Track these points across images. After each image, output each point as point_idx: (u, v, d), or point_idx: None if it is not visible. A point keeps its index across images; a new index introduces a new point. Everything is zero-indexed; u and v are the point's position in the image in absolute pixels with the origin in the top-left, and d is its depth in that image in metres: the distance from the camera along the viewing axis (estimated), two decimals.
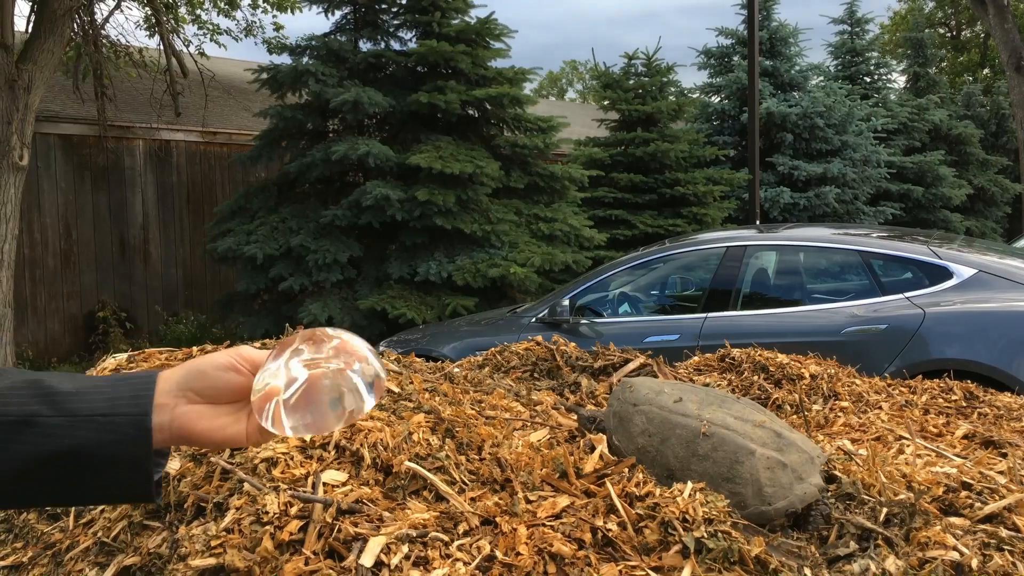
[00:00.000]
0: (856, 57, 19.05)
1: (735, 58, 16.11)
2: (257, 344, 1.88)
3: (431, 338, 6.12)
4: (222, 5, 12.47)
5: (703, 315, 5.62)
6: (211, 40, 12.54)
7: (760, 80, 13.31)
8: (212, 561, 1.22)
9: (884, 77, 19.53)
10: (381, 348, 5.19)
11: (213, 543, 1.22)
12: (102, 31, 10.73)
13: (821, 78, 17.42)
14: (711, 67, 16.42)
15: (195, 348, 2.07)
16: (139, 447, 0.76)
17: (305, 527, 1.24)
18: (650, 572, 1.21)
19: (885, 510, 1.46)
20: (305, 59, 9.87)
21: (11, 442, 0.74)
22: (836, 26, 19.23)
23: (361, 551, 1.19)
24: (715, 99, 16.10)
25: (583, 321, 5.87)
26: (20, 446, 0.74)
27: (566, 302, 5.87)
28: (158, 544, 1.38)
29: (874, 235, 6.20)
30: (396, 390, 1.65)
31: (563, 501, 1.34)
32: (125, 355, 2.02)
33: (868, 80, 19.14)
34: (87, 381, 0.80)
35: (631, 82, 13.08)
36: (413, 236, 9.08)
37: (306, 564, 1.18)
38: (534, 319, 5.92)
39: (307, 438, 1.41)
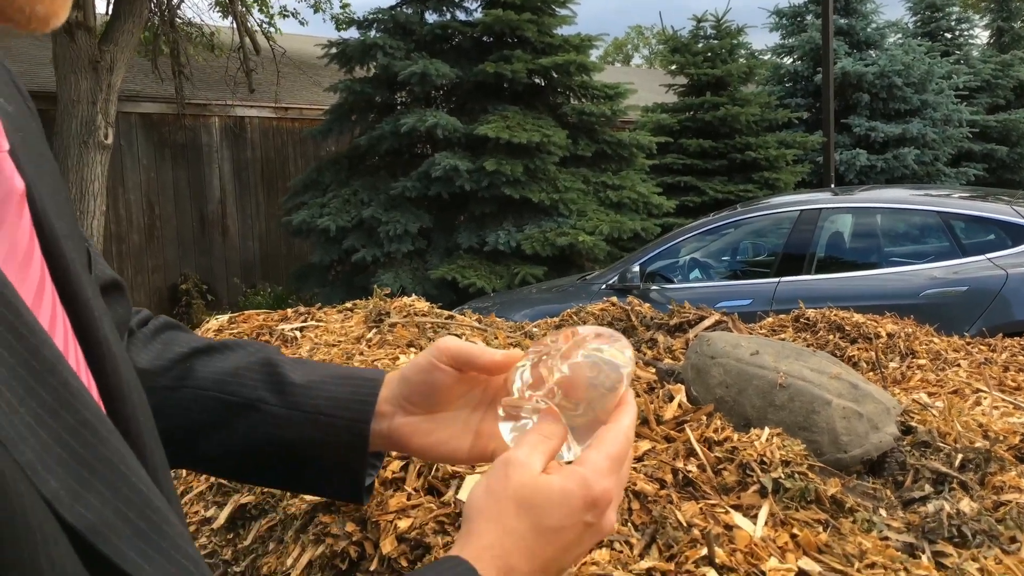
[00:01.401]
0: (936, 12, 18.32)
1: (808, 17, 15.68)
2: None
3: (502, 306, 6.23)
4: None
5: (776, 279, 5.59)
6: (271, 26, 12.75)
7: (835, 39, 12.94)
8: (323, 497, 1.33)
9: (966, 32, 18.74)
10: (454, 312, 5.31)
11: None
12: (178, 11, 11.03)
13: (899, 35, 16.83)
14: (783, 27, 16.02)
15: (290, 311, 2.20)
16: (353, 453, 0.76)
17: (406, 467, 1.35)
18: (729, 509, 1.27)
19: (960, 456, 1.49)
20: (373, 32, 10.00)
21: (235, 423, 0.77)
22: None
23: (458, 487, 1.29)
24: (787, 60, 15.72)
25: (653, 287, 5.90)
26: (242, 428, 0.76)
27: (636, 268, 5.90)
28: None
29: (955, 195, 6.05)
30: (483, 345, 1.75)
31: (645, 445, 1.41)
32: (226, 317, 2.15)
33: (949, 36, 18.40)
34: (317, 371, 0.80)
35: (700, 45, 12.87)
36: (482, 206, 9.18)
37: (408, 499, 1.28)
38: (604, 286, 5.96)
39: None
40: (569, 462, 0.63)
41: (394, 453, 1.41)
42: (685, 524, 1.22)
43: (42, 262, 0.49)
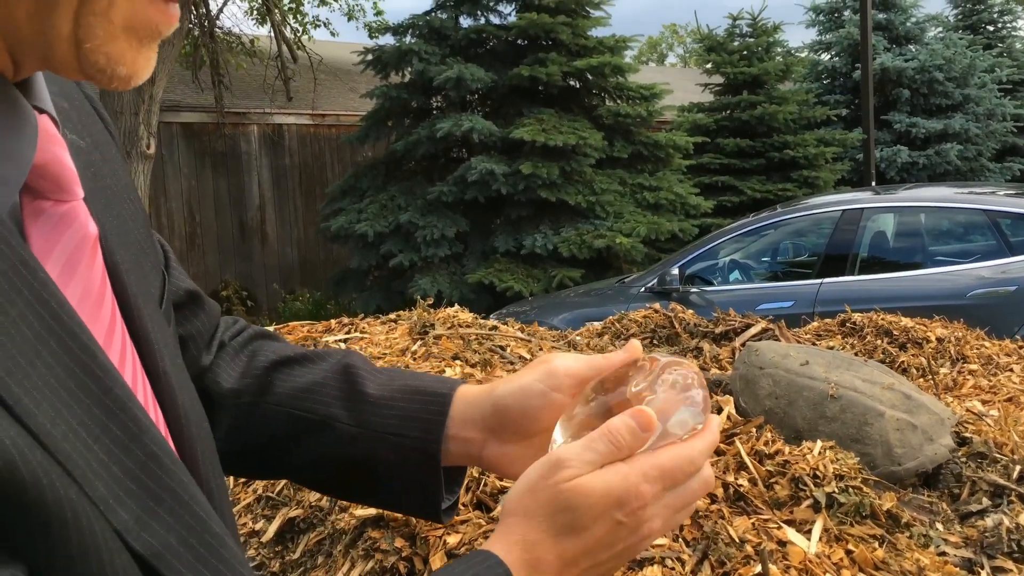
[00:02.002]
0: (978, 5, 17.95)
1: (846, 13, 15.45)
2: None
3: (540, 310, 6.22)
4: None
5: (818, 281, 5.52)
6: (304, 34, 12.89)
7: (873, 34, 12.74)
8: (373, 512, 1.33)
9: (1009, 25, 18.34)
10: (494, 319, 5.31)
11: None
12: (217, 21, 11.20)
13: (939, 29, 16.52)
14: (820, 24, 15.81)
15: (334, 322, 2.21)
16: (425, 473, 0.75)
17: None
18: (782, 524, 1.25)
19: (1018, 468, 1.45)
20: (408, 38, 10.06)
21: (309, 440, 0.77)
22: None
23: None
24: (825, 57, 15.51)
25: (693, 290, 5.85)
26: (316, 445, 0.77)
27: (675, 271, 5.86)
28: (318, 498, 1.51)
29: (1001, 192, 5.92)
30: (528, 356, 1.74)
31: None
32: (270, 329, 2.18)
33: (991, 29, 18.03)
34: (394, 381, 0.78)
35: (736, 44, 12.75)
36: (518, 209, 9.18)
37: (457, 515, 1.28)
38: (643, 289, 5.93)
39: None
40: None
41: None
42: (737, 540, 1.20)
43: (113, 301, 0.52)
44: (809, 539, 1.23)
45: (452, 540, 1.23)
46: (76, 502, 0.39)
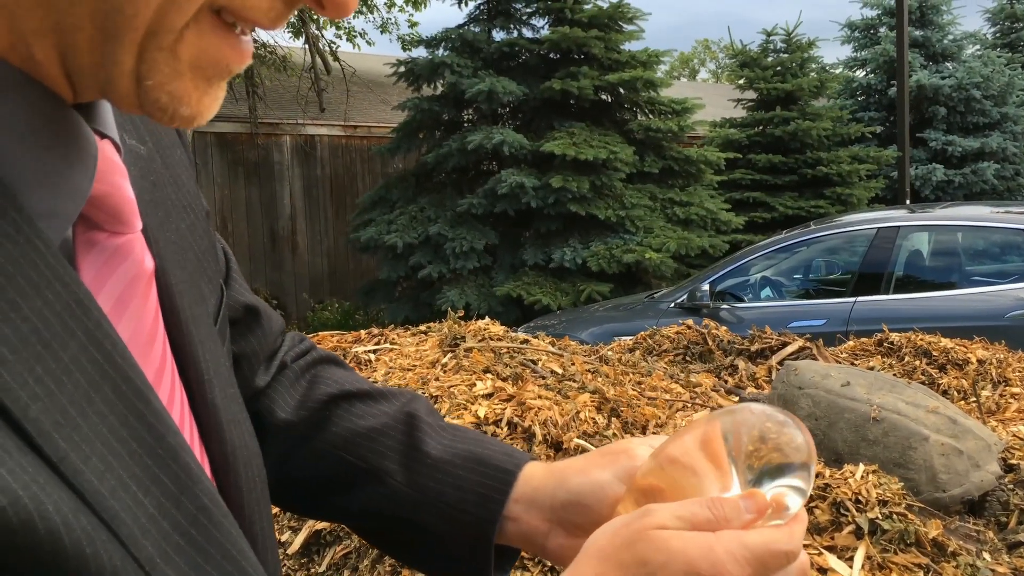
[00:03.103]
0: (1016, 23, 17.72)
1: (882, 30, 15.32)
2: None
3: (568, 324, 6.19)
4: (358, 7, 12.92)
5: (852, 299, 5.44)
6: (347, 40, 13.03)
7: (910, 51, 12.61)
8: None
9: None
10: (521, 333, 5.29)
11: None
12: (252, 33, 11.32)
13: (977, 47, 16.31)
14: (855, 40, 15.68)
15: (363, 333, 2.20)
16: (475, 552, 0.70)
17: None
18: (823, 551, 1.21)
19: None
20: (440, 51, 10.11)
21: (357, 489, 0.73)
22: None
23: None
24: (860, 74, 15.37)
25: (724, 306, 5.79)
26: (364, 496, 0.73)
27: (706, 287, 5.80)
28: None
29: None
30: (559, 371, 1.71)
31: None
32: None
33: None
34: (457, 443, 0.73)
35: (769, 59, 12.67)
36: (547, 223, 9.16)
37: None
38: (673, 304, 5.88)
39: (480, 413, 1.48)
40: None
41: None
42: None
43: (164, 340, 0.50)
44: (851, 566, 1.18)
45: None
46: (121, 568, 0.37)
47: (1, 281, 0.36)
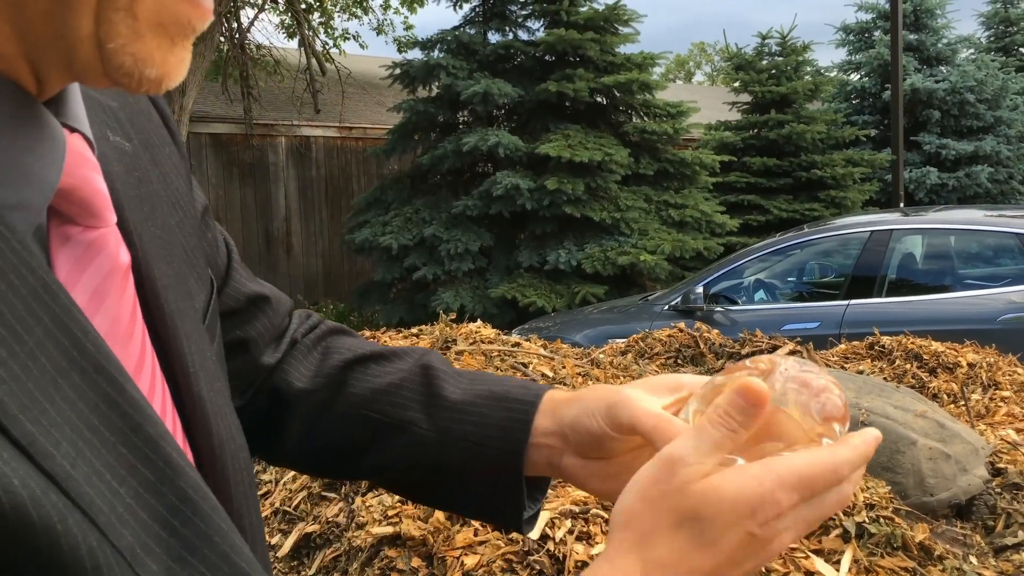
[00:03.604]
0: (1010, 27, 17.79)
1: (876, 33, 15.36)
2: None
3: (563, 326, 6.19)
4: (353, 9, 12.93)
5: (845, 302, 5.45)
6: (335, 47, 13.02)
7: (904, 55, 12.64)
8: (389, 530, 1.31)
9: None
10: (515, 335, 5.30)
11: (390, 513, 1.32)
12: (247, 35, 11.33)
13: (971, 51, 16.37)
14: (850, 44, 15.72)
15: (367, 332, 2.20)
16: (506, 484, 0.71)
17: None
18: (810, 554, 1.22)
19: None
20: (436, 53, 10.11)
21: (385, 443, 0.74)
22: None
23: None
24: (854, 77, 15.41)
25: (717, 309, 5.80)
26: (393, 449, 0.74)
27: (699, 289, 5.81)
28: (335, 513, 1.49)
29: None
30: (550, 374, 1.72)
31: None
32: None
33: None
34: (476, 385, 0.75)
35: (764, 62, 12.70)
36: (542, 225, 9.17)
37: (475, 535, 1.26)
38: (667, 307, 5.89)
39: None
40: None
41: None
42: (764, 569, 1.17)
43: (144, 334, 0.49)
44: (838, 570, 1.19)
45: (470, 561, 1.21)
46: (98, 551, 0.36)
47: None
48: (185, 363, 0.53)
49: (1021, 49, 17.87)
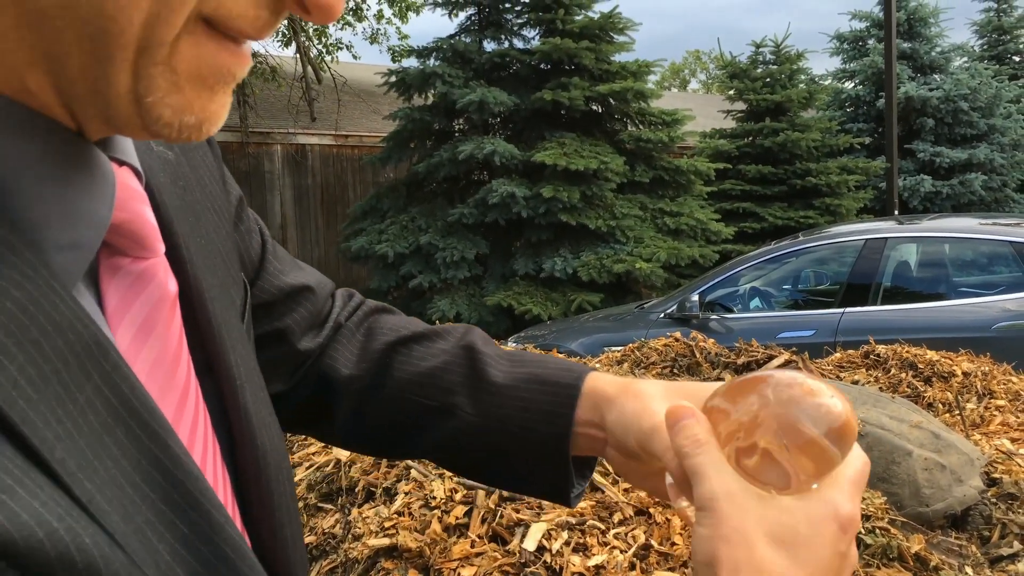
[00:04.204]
0: (1004, 35, 17.89)
1: (870, 42, 15.43)
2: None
3: (558, 334, 6.19)
4: (347, 18, 12.95)
5: (840, 310, 5.46)
6: (328, 55, 13.03)
7: (898, 63, 12.70)
8: (386, 541, 1.31)
9: None
10: (510, 344, 5.30)
11: (386, 524, 1.32)
12: None
13: (965, 59, 16.45)
14: (844, 52, 15.79)
15: None
16: (552, 467, 0.72)
17: (470, 512, 1.32)
18: None
19: None
20: (432, 61, 10.13)
21: (432, 426, 0.75)
22: (981, 3, 18.13)
23: (524, 536, 1.26)
24: (848, 85, 15.48)
25: (713, 317, 5.80)
26: (439, 431, 0.75)
27: (695, 297, 5.81)
28: (332, 525, 1.49)
29: None
30: None
31: None
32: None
33: (1017, 59, 17.96)
34: (519, 367, 0.75)
35: (759, 71, 12.75)
36: (538, 232, 9.18)
37: (472, 546, 1.25)
38: (662, 315, 5.89)
39: None
40: None
41: (457, 498, 1.40)
42: None
43: (189, 363, 0.50)
44: None
45: (467, 573, 1.21)
46: None
47: (24, 320, 0.36)
48: (232, 376, 0.54)
49: (1014, 57, 17.97)
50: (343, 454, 1.63)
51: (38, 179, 0.39)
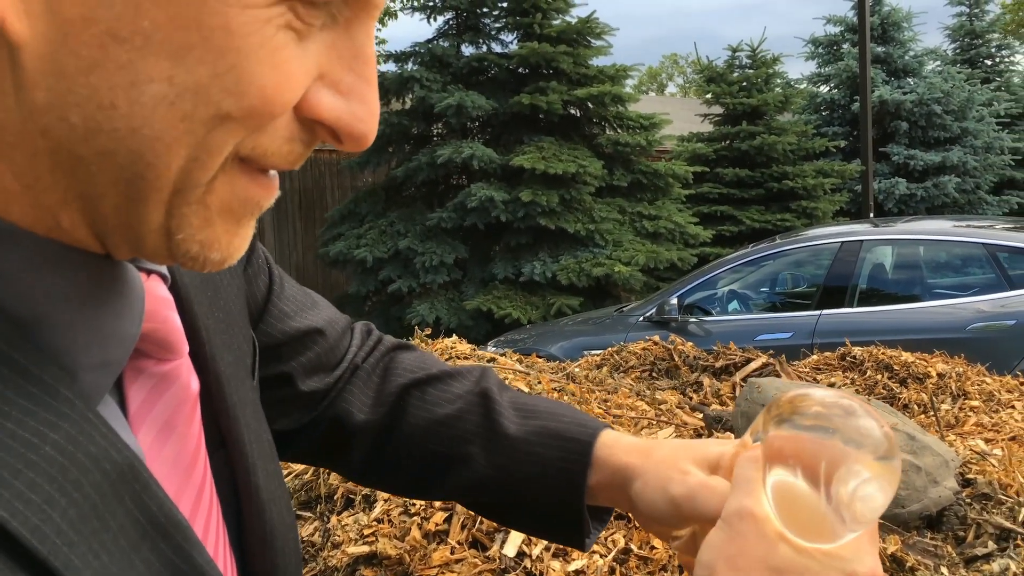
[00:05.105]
0: (976, 39, 18.13)
1: (844, 46, 15.59)
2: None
3: (538, 338, 6.19)
4: None
5: (817, 312, 5.50)
6: None
7: (872, 67, 12.84)
8: (366, 549, 1.30)
9: (1007, 60, 18.51)
10: (490, 348, 5.29)
11: (365, 532, 1.31)
12: None
13: (938, 63, 16.66)
14: (819, 56, 15.94)
15: None
16: (566, 518, 0.72)
17: (450, 519, 1.32)
18: None
19: None
20: (409, 65, 10.12)
21: (447, 473, 0.75)
22: (953, 8, 18.33)
23: (504, 542, 1.26)
24: (823, 89, 15.63)
25: (692, 320, 5.83)
26: (455, 479, 0.75)
27: (674, 300, 5.84)
28: (311, 533, 1.48)
29: (999, 226, 5.94)
30: (526, 389, 1.72)
31: None
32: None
33: (989, 63, 18.20)
34: (532, 419, 0.75)
35: (735, 75, 12.85)
36: (517, 236, 9.18)
37: (452, 553, 1.25)
38: (641, 318, 5.91)
39: None
40: None
41: (437, 504, 1.39)
42: None
43: (205, 460, 0.51)
44: None
45: None
46: None
47: (64, 462, 0.37)
48: (245, 455, 0.55)
49: (986, 61, 18.21)
50: None
51: (69, 308, 0.40)
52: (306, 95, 0.39)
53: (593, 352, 3.36)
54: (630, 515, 0.72)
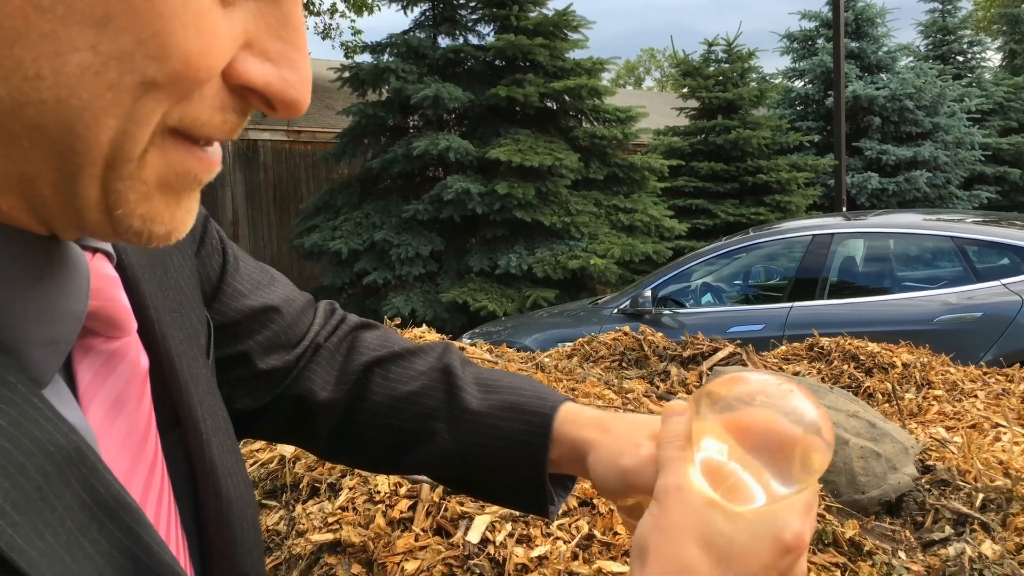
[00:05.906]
0: (948, 36, 18.32)
1: (819, 41, 15.70)
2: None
3: (513, 330, 6.20)
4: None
5: (788, 304, 5.55)
6: None
7: (846, 63, 12.95)
8: (330, 536, 1.31)
9: (978, 56, 18.73)
10: (465, 340, 5.29)
11: (330, 520, 1.32)
12: None
13: (910, 58, 16.83)
14: (794, 51, 16.05)
15: None
16: (529, 490, 0.74)
17: (414, 506, 1.33)
18: None
19: (981, 496, 1.46)
20: (386, 56, 10.07)
21: (411, 449, 0.77)
22: (926, 4, 18.51)
23: (468, 528, 1.26)
24: (798, 84, 15.73)
25: (665, 312, 5.86)
26: (419, 454, 0.76)
27: (648, 293, 5.87)
28: (276, 521, 1.48)
29: (968, 220, 6.02)
30: None
31: None
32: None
33: (961, 59, 18.40)
34: (493, 394, 0.76)
35: (711, 69, 12.90)
36: (493, 229, 9.18)
37: (416, 540, 1.26)
38: (616, 310, 5.93)
39: None
40: None
41: (402, 492, 1.40)
42: None
43: (156, 438, 0.51)
44: None
45: (410, 567, 1.21)
46: None
47: (8, 446, 0.37)
48: (200, 431, 0.56)
49: (958, 57, 18.41)
50: (288, 450, 1.62)
51: (10, 284, 0.40)
52: (234, 62, 0.40)
53: (567, 344, 3.37)
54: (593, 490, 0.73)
